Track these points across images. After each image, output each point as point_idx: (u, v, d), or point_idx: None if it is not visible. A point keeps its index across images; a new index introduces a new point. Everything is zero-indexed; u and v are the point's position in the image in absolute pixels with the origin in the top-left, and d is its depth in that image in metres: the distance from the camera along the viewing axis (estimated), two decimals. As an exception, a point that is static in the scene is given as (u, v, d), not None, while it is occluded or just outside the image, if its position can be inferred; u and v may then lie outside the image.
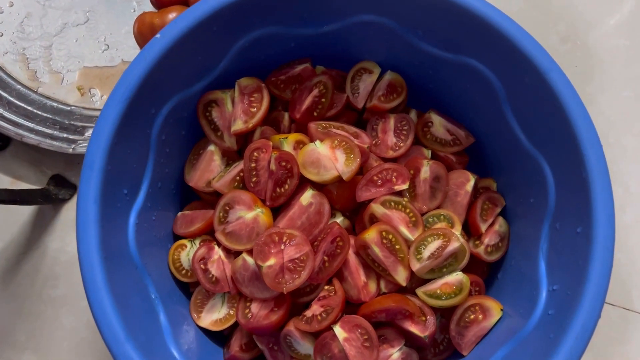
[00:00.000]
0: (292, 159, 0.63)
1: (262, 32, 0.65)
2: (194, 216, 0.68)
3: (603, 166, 0.52)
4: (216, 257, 0.64)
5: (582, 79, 0.89)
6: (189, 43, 0.59)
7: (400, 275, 0.63)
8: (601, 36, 0.91)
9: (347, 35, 0.68)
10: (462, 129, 0.71)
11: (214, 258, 0.64)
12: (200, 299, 0.66)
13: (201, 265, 0.64)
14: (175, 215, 0.69)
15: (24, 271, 0.81)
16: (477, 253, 0.67)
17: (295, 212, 0.64)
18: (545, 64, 0.56)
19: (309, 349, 0.62)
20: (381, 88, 0.71)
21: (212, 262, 0.64)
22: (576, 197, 0.54)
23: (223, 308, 0.64)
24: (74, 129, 0.83)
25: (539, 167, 0.61)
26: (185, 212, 0.69)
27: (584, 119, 0.53)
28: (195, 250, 0.65)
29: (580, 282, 0.50)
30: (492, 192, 0.70)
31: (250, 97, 0.67)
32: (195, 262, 0.64)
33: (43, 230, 0.83)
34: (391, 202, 0.66)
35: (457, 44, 0.64)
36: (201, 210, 0.68)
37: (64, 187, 0.83)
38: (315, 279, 0.62)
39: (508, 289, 0.66)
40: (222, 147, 0.69)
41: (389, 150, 0.70)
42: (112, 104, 0.54)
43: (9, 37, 0.90)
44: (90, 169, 0.53)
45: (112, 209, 0.55)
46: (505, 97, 0.63)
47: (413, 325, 0.62)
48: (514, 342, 0.57)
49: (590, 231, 0.51)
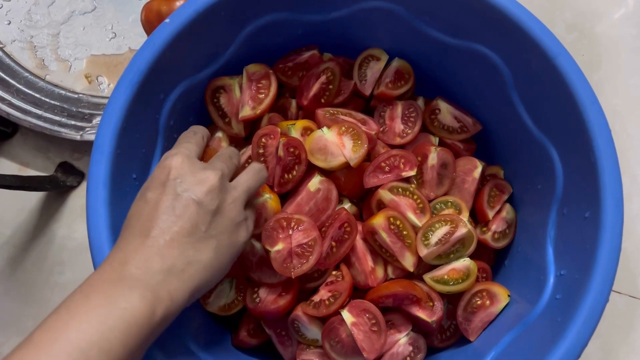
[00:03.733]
0: (300, 145, 0.63)
1: (270, 19, 0.65)
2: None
3: (611, 149, 0.52)
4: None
5: (588, 67, 0.89)
6: (197, 28, 0.59)
7: (408, 261, 0.63)
8: (608, 25, 0.90)
9: (355, 22, 0.68)
10: (469, 116, 0.71)
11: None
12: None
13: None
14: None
15: (32, 258, 0.82)
16: (485, 240, 0.67)
17: (303, 198, 0.64)
18: (553, 48, 0.56)
19: (316, 333, 0.62)
20: (388, 75, 0.71)
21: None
22: (584, 182, 0.54)
23: (231, 293, 0.64)
24: (81, 116, 0.83)
25: (546, 153, 0.61)
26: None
27: (593, 102, 0.53)
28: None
29: (589, 265, 0.51)
30: (499, 179, 0.70)
31: (258, 83, 0.67)
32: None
33: (50, 217, 0.83)
34: (399, 189, 0.66)
35: (464, 29, 0.64)
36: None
37: (71, 174, 0.83)
38: (322, 264, 0.62)
39: (515, 275, 0.66)
40: (230, 133, 0.69)
41: (396, 137, 0.71)
42: (121, 88, 0.55)
43: (16, 25, 0.90)
44: (100, 152, 0.53)
45: (121, 192, 0.55)
46: (512, 83, 0.63)
47: (420, 310, 0.62)
48: (521, 327, 0.57)
49: (599, 215, 0.51)
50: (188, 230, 0.48)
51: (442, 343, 0.66)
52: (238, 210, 0.52)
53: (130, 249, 0.46)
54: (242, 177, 0.55)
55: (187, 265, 0.47)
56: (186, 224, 0.48)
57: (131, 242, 0.47)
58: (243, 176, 0.55)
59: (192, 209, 0.48)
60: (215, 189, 0.50)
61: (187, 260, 0.47)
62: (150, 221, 0.47)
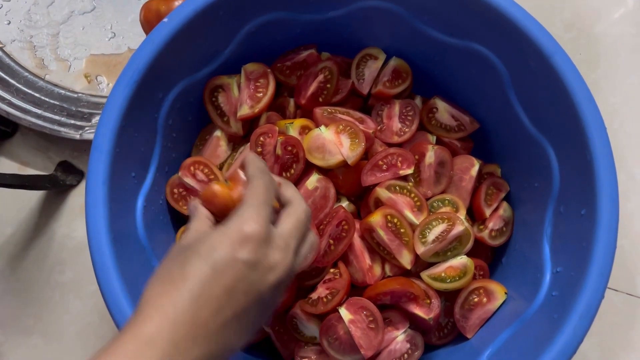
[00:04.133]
0: (298, 144, 0.64)
1: (268, 17, 0.66)
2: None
3: (607, 147, 0.52)
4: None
5: (586, 66, 0.89)
6: (195, 27, 0.59)
7: (405, 259, 0.64)
8: (606, 24, 0.91)
9: (353, 21, 0.69)
10: (466, 114, 0.72)
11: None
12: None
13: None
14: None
15: (32, 257, 0.82)
16: (482, 237, 0.68)
17: (301, 196, 0.65)
18: (549, 47, 0.56)
19: (314, 330, 0.62)
20: (386, 74, 0.72)
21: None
22: (580, 180, 0.55)
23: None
24: (81, 115, 0.83)
25: (543, 152, 0.61)
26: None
27: (588, 101, 0.54)
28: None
29: (585, 262, 0.51)
30: (496, 178, 0.70)
31: (256, 82, 0.68)
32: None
33: (50, 216, 0.84)
34: (396, 187, 0.66)
35: (462, 29, 0.64)
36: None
37: (71, 173, 0.84)
38: (320, 262, 0.63)
39: (512, 273, 0.66)
40: (228, 132, 0.69)
41: (394, 136, 0.71)
42: (120, 87, 0.55)
43: (16, 25, 0.90)
44: (99, 151, 0.53)
45: (120, 191, 0.56)
46: (509, 82, 0.64)
47: (418, 307, 0.62)
48: (518, 324, 0.58)
49: (595, 212, 0.52)
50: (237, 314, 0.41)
51: (440, 340, 0.66)
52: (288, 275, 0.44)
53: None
54: (287, 224, 0.45)
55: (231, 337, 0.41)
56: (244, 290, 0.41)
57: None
58: (288, 222, 0.45)
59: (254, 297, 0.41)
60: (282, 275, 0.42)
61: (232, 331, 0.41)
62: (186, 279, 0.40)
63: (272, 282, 0.41)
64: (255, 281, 0.41)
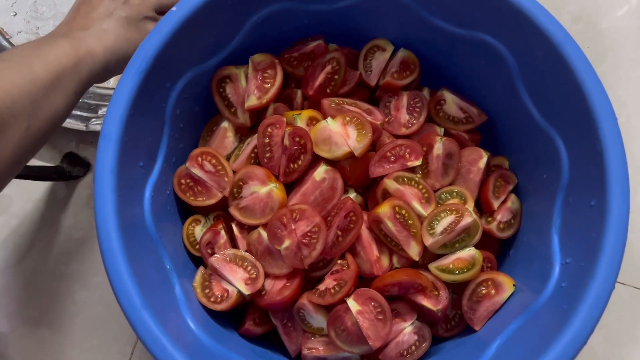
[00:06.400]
0: (306, 135, 0.64)
1: (276, 8, 0.65)
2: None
3: (618, 136, 0.52)
4: (222, 241, 0.65)
5: (593, 59, 0.87)
6: (203, 17, 0.59)
7: (413, 250, 0.64)
8: (613, 17, 0.90)
9: (360, 12, 0.69)
10: (474, 106, 0.71)
11: (220, 243, 0.64)
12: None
13: (208, 250, 0.64)
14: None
15: (38, 247, 0.82)
16: (490, 229, 0.67)
17: (308, 187, 0.64)
18: (559, 36, 0.56)
19: (322, 322, 0.62)
20: (394, 65, 0.71)
21: (218, 246, 0.64)
22: (590, 170, 0.54)
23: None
24: (87, 107, 0.83)
25: (552, 143, 0.61)
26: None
27: (598, 90, 0.53)
28: (201, 235, 0.65)
29: (595, 253, 0.51)
30: (504, 170, 0.70)
31: (263, 73, 0.68)
32: (202, 248, 0.64)
33: (56, 207, 0.84)
34: (404, 178, 0.66)
35: (470, 19, 0.64)
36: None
37: (77, 164, 0.84)
38: (328, 253, 0.63)
39: (520, 265, 0.66)
40: (236, 123, 0.69)
41: (401, 128, 0.71)
42: (129, 75, 0.55)
43: (22, 16, 0.90)
44: (108, 139, 0.53)
45: (128, 180, 0.55)
46: (518, 73, 0.63)
47: (425, 299, 0.62)
48: (526, 315, 0.57)
49: (605, 202, 0.51)
50: (103, 13, 0.64)
51: (447, 332, 0.66)
52: (146, 8, 0.67)
53: (58, 29, 0.64)
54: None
55: (101, 32, 0.62)
56: (103, 10, 0.64)
57: (61, 25, 0.64)
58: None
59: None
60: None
61: (101, 28, 0.63)
62: (74, 11, 0.65)
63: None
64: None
